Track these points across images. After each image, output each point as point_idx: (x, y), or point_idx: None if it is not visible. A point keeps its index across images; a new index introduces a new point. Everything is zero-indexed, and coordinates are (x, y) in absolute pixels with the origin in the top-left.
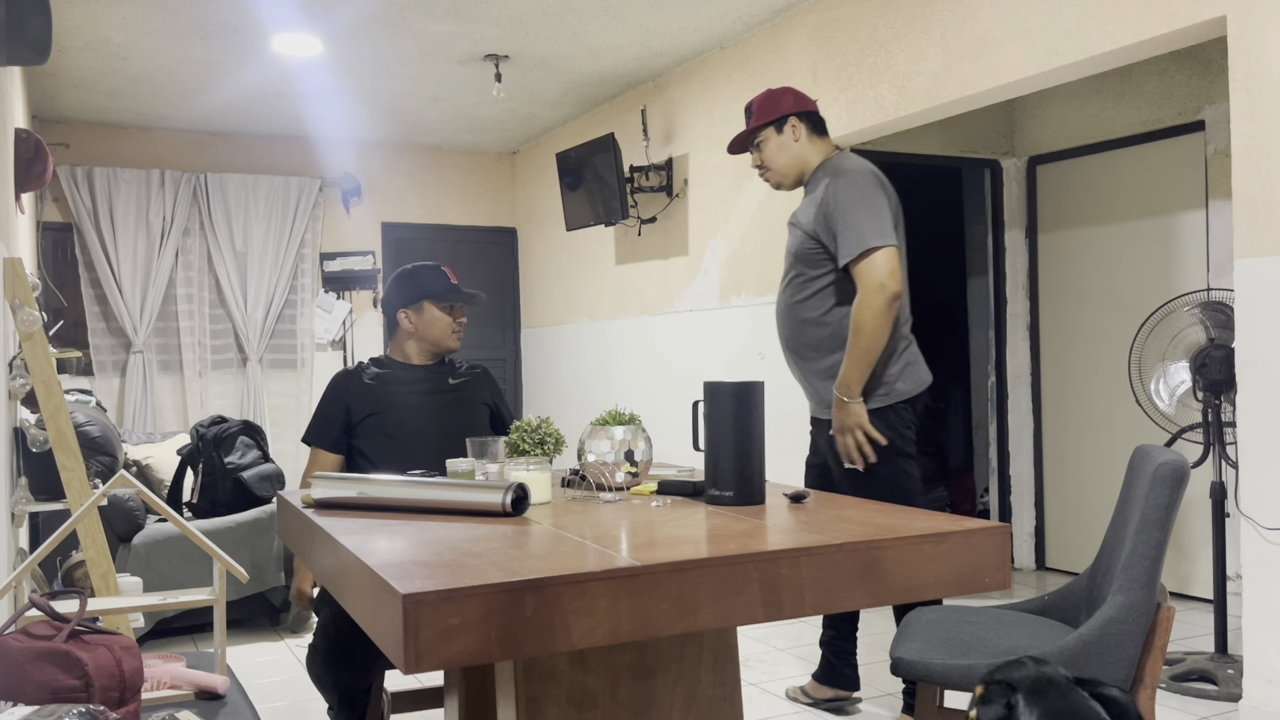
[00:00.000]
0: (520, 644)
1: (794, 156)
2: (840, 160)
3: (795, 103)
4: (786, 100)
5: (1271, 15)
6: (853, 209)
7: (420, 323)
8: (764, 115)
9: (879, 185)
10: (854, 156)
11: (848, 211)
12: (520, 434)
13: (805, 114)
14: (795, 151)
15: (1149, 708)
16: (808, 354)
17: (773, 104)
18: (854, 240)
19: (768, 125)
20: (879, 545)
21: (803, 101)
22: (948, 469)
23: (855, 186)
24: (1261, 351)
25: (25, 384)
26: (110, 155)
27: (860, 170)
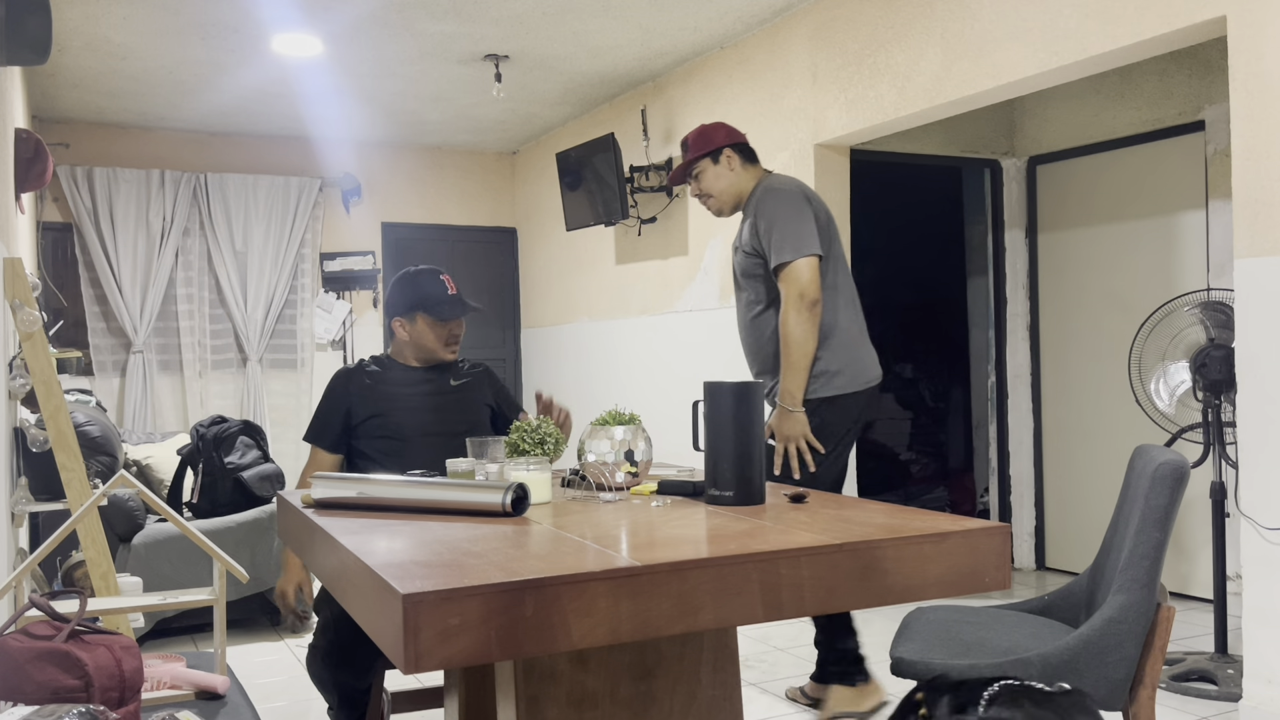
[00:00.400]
0: (520, 644)
1: (730, 184)
2: (770, 180)
3: (728, 136)
4: (719, 134)
5: (1271, 15)
6: (777, 223)
7: (413, 332)
8: (700, 148)
9: (804, 201)
10: (783, 176)
11: (773, 225)
12: (520, 434)
13: (737, 145)
14: (731, 180)
15: (1149, 708)
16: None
17: (707, 138)
18: (777, 252)
19: (704, 157)
20: (879, 545)
21: (734, 134)
22: (948, 469)
23: (780, 202)
24: (1261, 351)
25: (25, 384)
26: (110, 155)
27: (786, 187)
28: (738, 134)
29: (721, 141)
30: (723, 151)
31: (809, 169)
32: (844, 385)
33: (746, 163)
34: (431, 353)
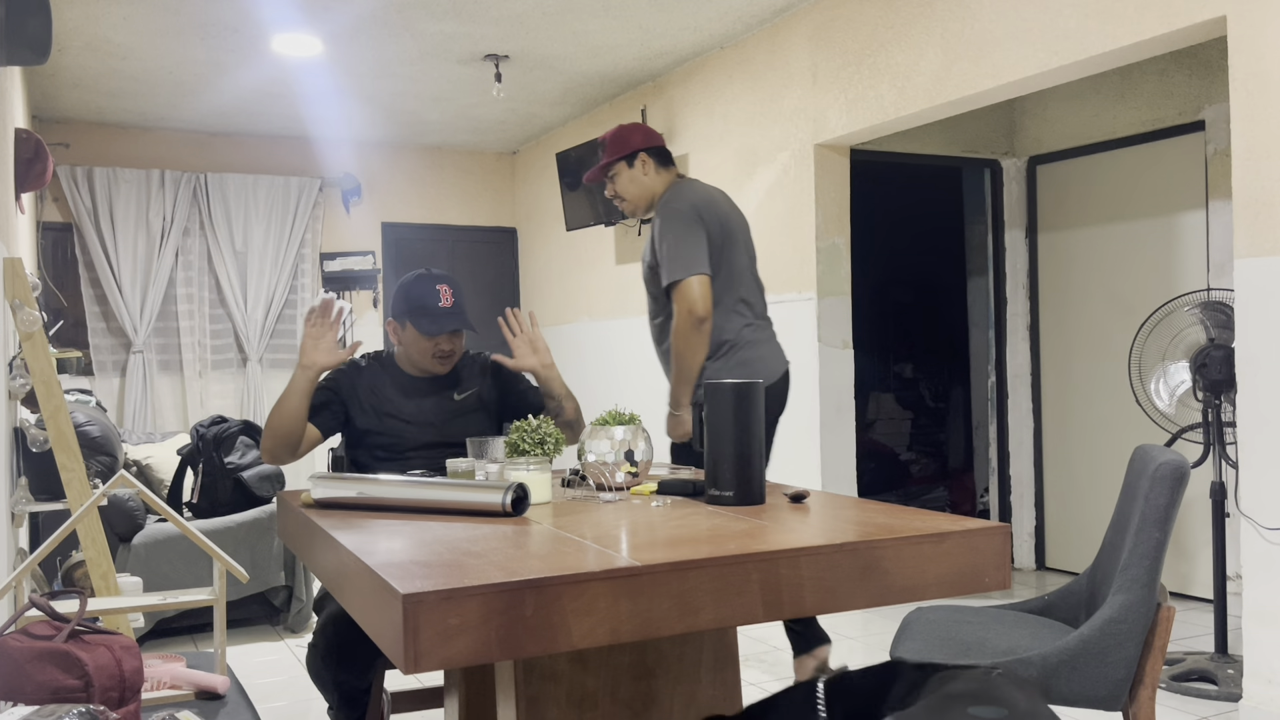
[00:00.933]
0: (520, 644)
1: (644, 188)
2: (670, 194)
3: (645, 139)
4: (636, 137)
5: (1271, 15)
6: (667, 241)
7: (403, 338)
8: (616, 150)
9: (696, 218)
10: (685, 188)
11: (663, 244)
12: (520, 434)
13: (653, 149)
14: (645, 184)
15: (1149, 708)
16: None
17: (623, 140)
18: (668, 270)
19: (620, 160)
20: (879, 545)
21: (651, 138)
22: (948, 469)
23: (671, 221)
24: (1261, 351)
25: (25, 384)
26: (110, 155)
27: (681, 204)
28: (655, 137)
29: (638, 145)
30: (638, 155)
31: (809, 169)
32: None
33: (661, 167)
34: (419, 363)
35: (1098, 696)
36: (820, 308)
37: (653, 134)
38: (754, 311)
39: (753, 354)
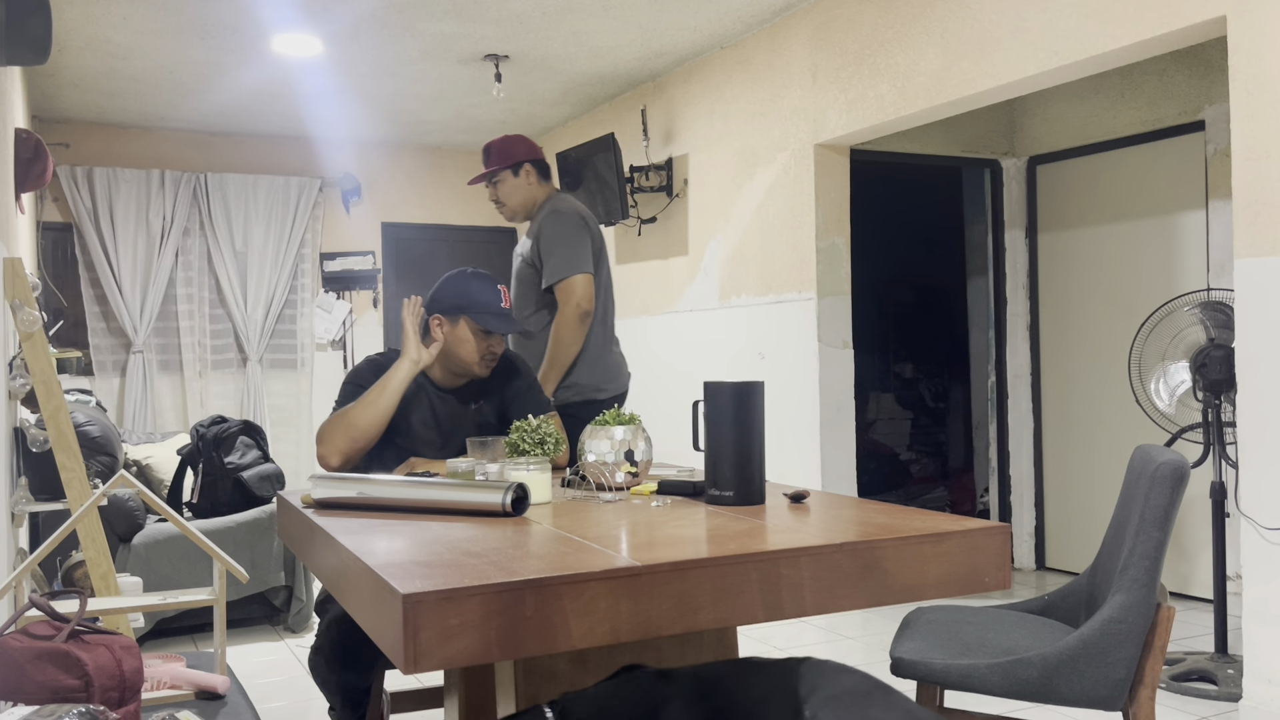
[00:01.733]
0: (520, 644)
1: (526, 196)
2: (555, 201)
3: (529, 151)
4: (521, 148)
5: (1271, 15)
6: (559, 242)
7: (451, 337)
8: (503, 159)
9: (583, 224)
10: (569, 198)
11: (554, 244)
12: (520, 434)
13: (536, 161)
14: (527, 193)
15: (1149, 708)
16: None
17: (510, 150)
18: (558, 267)
19: (506, 168)
20: (879, 545)
21: (534, 150)
22: (948, 469)
23: (561, 224)
24: (1261, 351)
25: (25, 384)
26: (110, 155)
27: (569, 210)
28: (537, 150)
29: (523, 156)
30: (523, 165)
31: (809, 169)
32: (591, 393)
33: (541, 179)
34: (464, 364)
35: (1098, 696)
36: (820, 308)
37: (535, 147)
38: (608, 326)
39: (611, 364)
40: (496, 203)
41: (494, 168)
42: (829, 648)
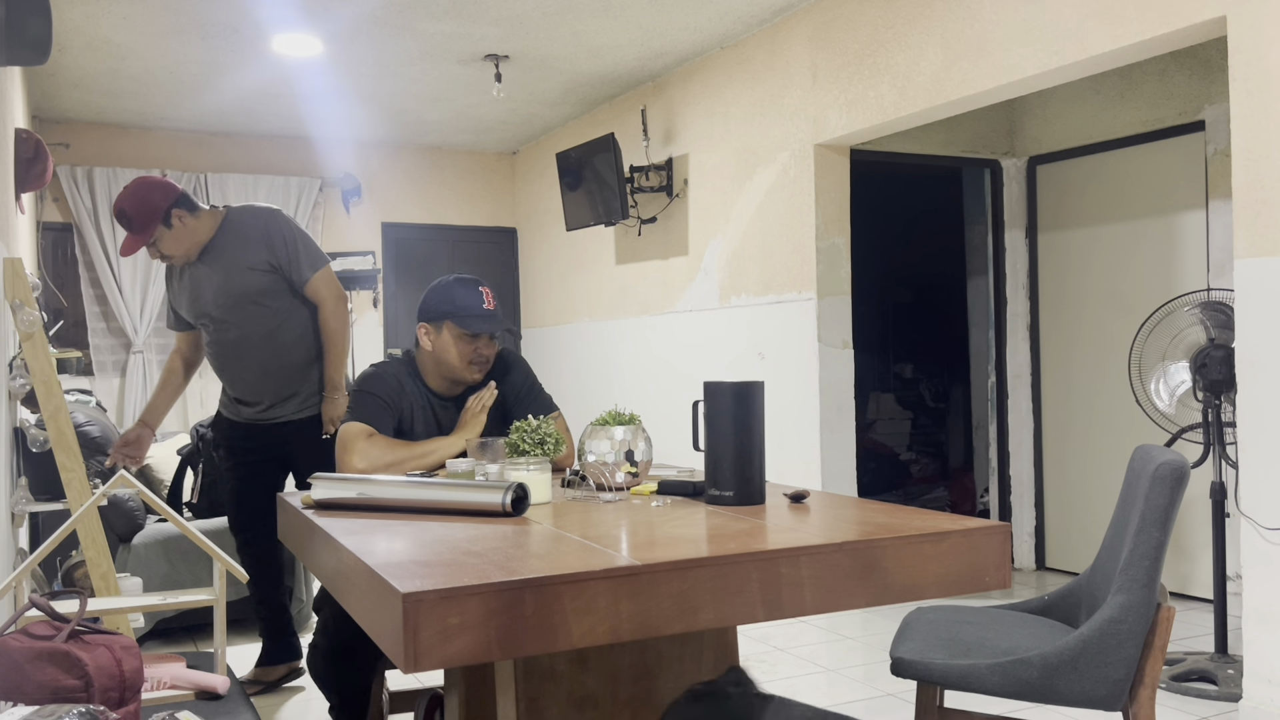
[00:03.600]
0: (520, 643)
1: (191, 237)
2: (252, 207)
3: (166, 196)
4: (158, 197)
5: (1271, 15)
6: (298, 240)
7: (438, 343)
8: (150, 219)
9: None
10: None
11: (296, 243)
12: (520, 434)
13: (179, 200)
14: (190, 233)
15: (1149, 708)
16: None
17: (150, 207)
18: (308, 263)
19: (158, 225)
20: (879, 545)
21: (171, 191)
22: (948, 469)
23: (290, 223)
24: (1261, 351)
25: (25, 384)
26: (110, 155)
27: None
28: (173, 189)
29: (166, 205)
30: (171, 213)
31: (809, 169)
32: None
33: (192, 213)
34: (455, 370)
35: (1098, 696)
36: (820, 308)
37: (170, 187)
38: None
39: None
40: (163, 259)
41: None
42: (829, 648)
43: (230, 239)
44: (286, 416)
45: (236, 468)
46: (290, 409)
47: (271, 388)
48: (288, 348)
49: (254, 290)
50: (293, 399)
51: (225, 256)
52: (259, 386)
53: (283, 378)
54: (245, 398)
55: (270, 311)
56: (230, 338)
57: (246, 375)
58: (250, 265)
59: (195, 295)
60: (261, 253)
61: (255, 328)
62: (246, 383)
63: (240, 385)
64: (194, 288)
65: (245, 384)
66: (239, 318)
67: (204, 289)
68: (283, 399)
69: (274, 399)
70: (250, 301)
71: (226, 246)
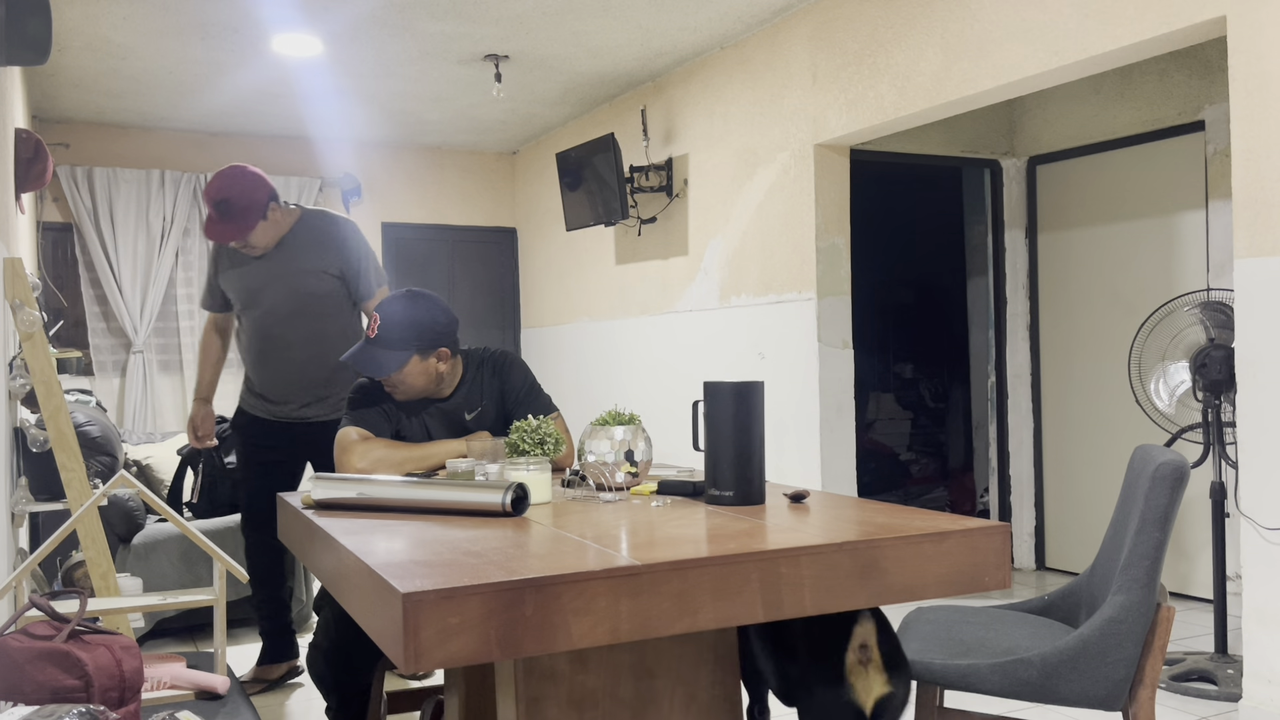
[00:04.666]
0: (520, 643)
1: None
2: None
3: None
4: (262, 190)
5: (1271, 15)
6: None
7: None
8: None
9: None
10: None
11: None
12: (520, 434)
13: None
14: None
15: (1149, 708)
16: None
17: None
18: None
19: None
20: (879, 545)
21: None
22: (948, 469)
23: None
24: (1261, 351)
25: (25, 384)
26: (110, 155)
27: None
28: (268, 181)
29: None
30: (269, 206)
31: (809, 169)
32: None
33: (282, 206)
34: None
35: (1098, 696)
36: (820, 308)
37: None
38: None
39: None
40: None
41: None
42: None
43: (303, 239)
44: (317, 417)
45: (255, 464)
46: (322, 410)
47: (307, 388)
48: (330, 352)
49: (317, 292)
50: (325, 401)
51: (296, 255)
52: (294, 385)
53: (320, 380)
54: (274, 395)
55: (323, 315)
56: (276, 333)
57: (285, 372)
58: (321, 268)
59: (252, 285)
60: (333, 259)
61: (305, 328)
62: (282, 380)
63: (274, 382)
64: (252, 277)
65: (280, 381)
66: (292, 315)
67: (264, 281)
68: (316, 399)
69: (307, 399)
70: (309, 303)
71: (298, 246)
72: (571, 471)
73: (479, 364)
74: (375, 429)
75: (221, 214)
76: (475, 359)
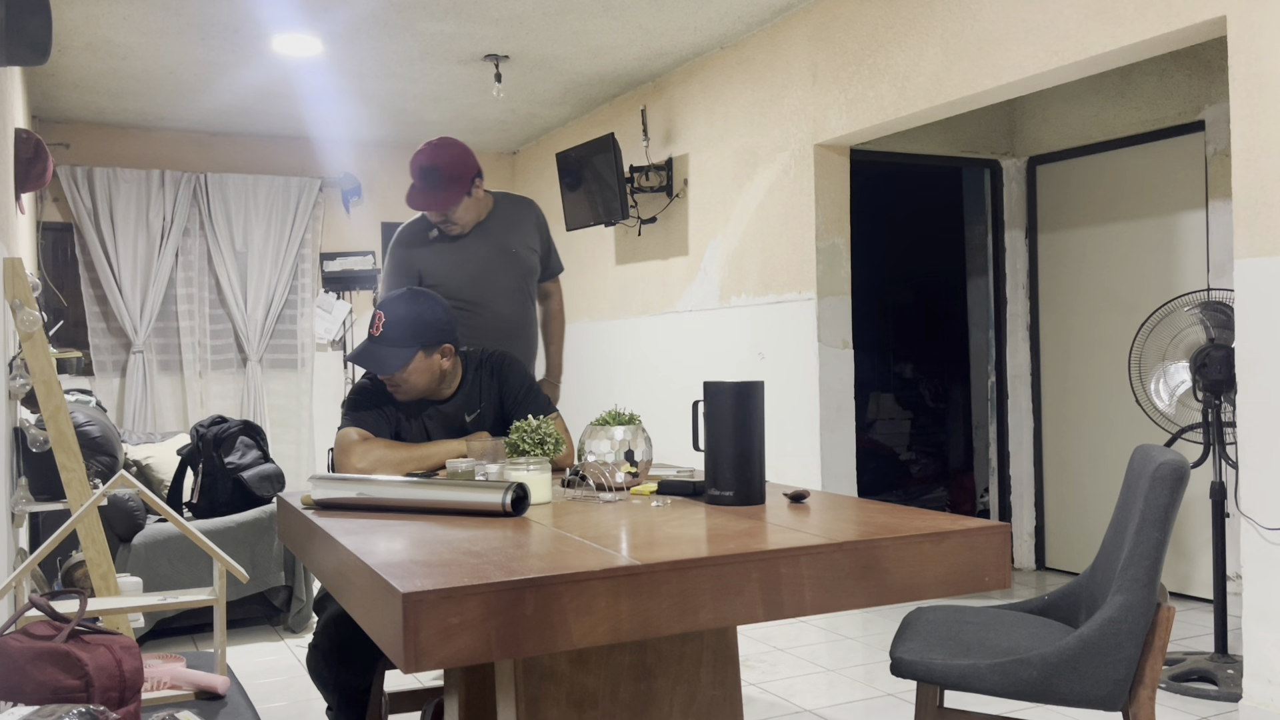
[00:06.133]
0: (520, 643)
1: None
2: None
3: (475, 163)
4: (471, 161)
5: (1271, 15)
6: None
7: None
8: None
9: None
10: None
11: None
12: (520, 434)
13: (480, 171)
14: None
15: (1149, 708)
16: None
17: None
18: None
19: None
20: (879, 545)
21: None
22: (948, 469)
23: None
24: (1261, 351)
25: (25, 384)
26: (110, 155)
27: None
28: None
29: (474, 172)
30: (475, 181)
31: (809, 169)
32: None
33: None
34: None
35: (1098, 696)
36: (820, 308)
37: (473, 154)
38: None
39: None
40: (445, 224)
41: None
42: (829, 648)
43: (505, 220)
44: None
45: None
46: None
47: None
48: (532, 332)
49: (531, 270)
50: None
51: (507, 235)
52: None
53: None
54: None
55: (528, 295)
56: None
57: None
58: (530, 246)
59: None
60: (534, 237)
61: (526, 311)
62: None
63: None
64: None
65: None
66: (513, 293)
67: (481, 264)
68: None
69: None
70: (526, 281)
71: (500, 227)
72: (571, 471)
73: (478, 365)
74: (375, 430)
75: (429, 183)
76: (474, 360)
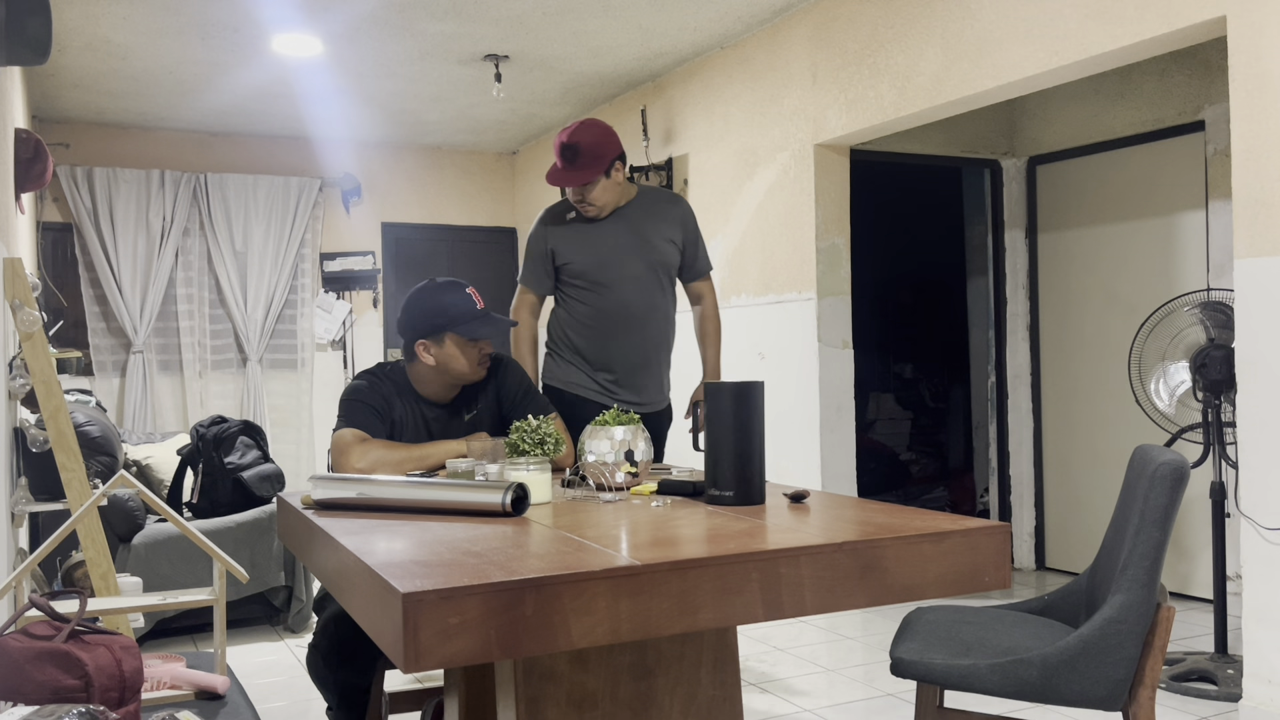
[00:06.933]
0: (520, 643)
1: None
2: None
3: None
4: (613, 142)
5: (1271, 15)
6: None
7: (440, 355)
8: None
9: None
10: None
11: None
12: (520, 434)
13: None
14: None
15: (1149, 708)
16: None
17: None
18: (706, 260)
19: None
20: (879, 545)
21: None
22: (948, 469)
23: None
24: (1261, 351)
25: (25, 384)
26: (110, 155)
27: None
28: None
29: (615, 153)
30: (614, 163)
31: (809, 169)
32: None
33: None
34: (461, 376)
35: (1098, 696)
36: (820, 308)
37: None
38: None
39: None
40: (582, 204)
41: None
42: (829, 648)
43: (647, 209)
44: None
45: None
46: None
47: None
48: (669, 329)
49: (665, 262)
50: (662, 385)
51: (644, 223)
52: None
53: (661, 363)
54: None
55: (658, 286)
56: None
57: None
58: (668, 237)
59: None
60: (677, 230)
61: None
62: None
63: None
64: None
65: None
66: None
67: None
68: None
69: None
70: (658, 273)
71: (642, 215)
72: (571, 471)
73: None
74: (371, 429)
75: (568, 160)
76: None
